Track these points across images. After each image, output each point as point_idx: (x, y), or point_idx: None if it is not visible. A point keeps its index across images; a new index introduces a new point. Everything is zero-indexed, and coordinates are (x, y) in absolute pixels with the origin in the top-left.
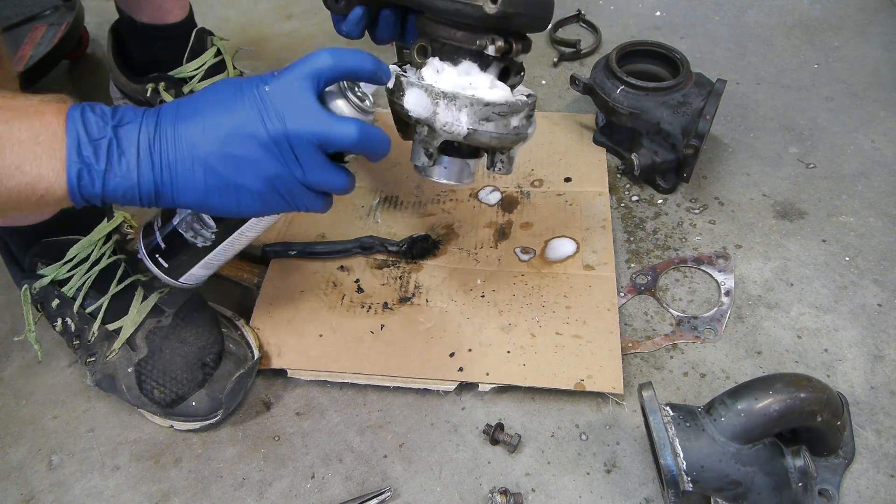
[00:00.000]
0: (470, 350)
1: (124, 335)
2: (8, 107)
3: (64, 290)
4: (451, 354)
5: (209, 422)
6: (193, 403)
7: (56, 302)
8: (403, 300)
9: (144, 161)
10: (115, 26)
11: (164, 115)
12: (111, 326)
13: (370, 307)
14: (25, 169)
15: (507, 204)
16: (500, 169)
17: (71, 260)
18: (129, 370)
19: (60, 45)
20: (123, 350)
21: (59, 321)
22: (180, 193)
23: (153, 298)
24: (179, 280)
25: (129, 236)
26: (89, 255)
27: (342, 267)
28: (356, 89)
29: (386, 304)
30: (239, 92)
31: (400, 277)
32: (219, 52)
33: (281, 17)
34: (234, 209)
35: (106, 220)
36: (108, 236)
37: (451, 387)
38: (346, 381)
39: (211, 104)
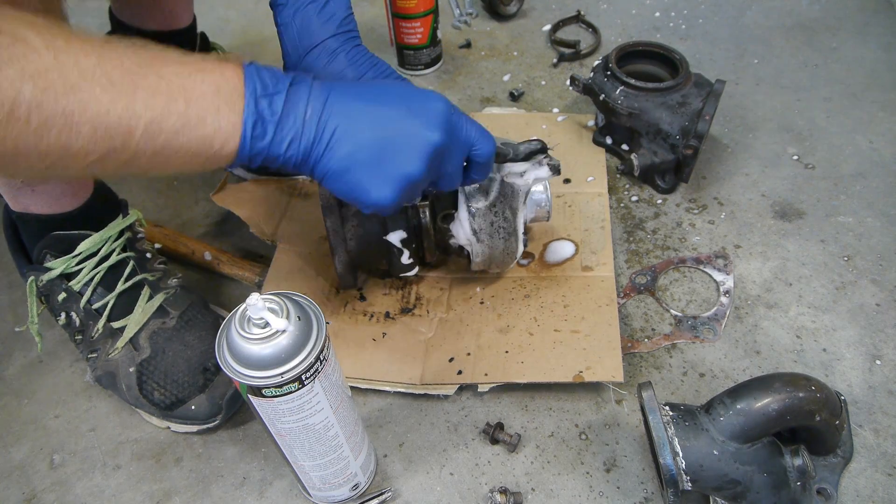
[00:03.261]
0: (469, 354)
1: (128, 334)
2: (187, 62)
3: (71, 283)
4: (451, 359)
5: (207, 426)
6: (193, 407)
7: (63, 296)
8: (405, 310)
9: (311, 120)
10: None
11: (336, 88)
12: (116, 324)
13: (372, 315)
14: (207, 121)
15: None
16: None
17: (81, 254)
18: (131, 370)
19: None
20: (126, 349)
21: (64, 315)
22: (328, 156)
23: (159, 299)
24: None
25: (140, 235)
26: (99, 251)
27: None
28: None
29: (388, 313)
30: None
31: (402, 288)
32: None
33: None
34: (362, 190)
35: (120, 216)
36: (120, 233)
37: (451, 391)
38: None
39: (385, 92)
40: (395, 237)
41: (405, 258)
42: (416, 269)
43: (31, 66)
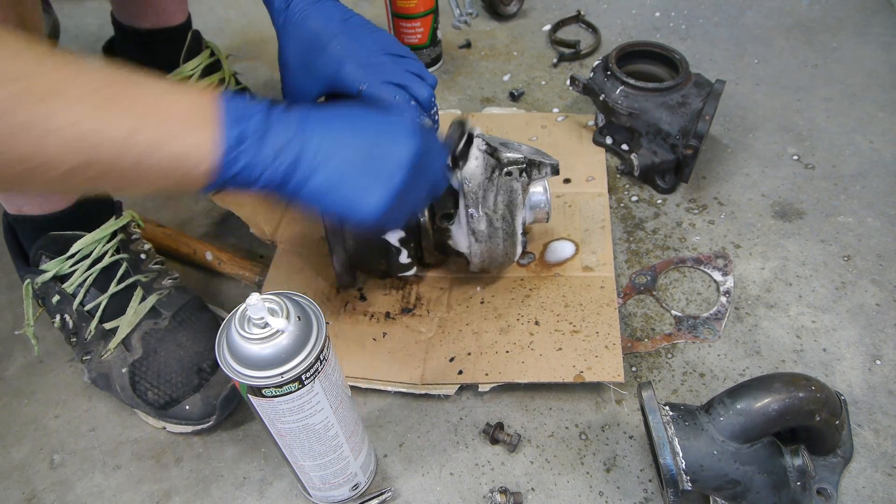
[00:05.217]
0: (469, 354)
1: (120, 335)
2: (163, 82)
3: (65, 286)
4: (451, 359)
5: (202, 426)
6: (187, 407)
7: (56, 298)
8: (405, 311)
9: (293, 140)
10: (107, 46)
11: (313, 110)
12: (108, 325)
13: (372, 315)
14: (181, 139)
15: None
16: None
17: (74, 255)
18: (124, 370)
19: None
20: (118, 350)
21: (58, 317)
22: (315, 174)
23: (151, 300)
24: None
25: (135, 236)
26: (92, 252)
27: None
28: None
29: (388, 313)
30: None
31: (402, 288)
32: (213, 53)
33: None
34: (352, 203)
35: (114, 217)
36: (114, 234)
37: (452, 391)
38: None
39: (359, 112)
40: (394, 237)
41: (403, 258)
42: (415, 269)
43: (4, 70)
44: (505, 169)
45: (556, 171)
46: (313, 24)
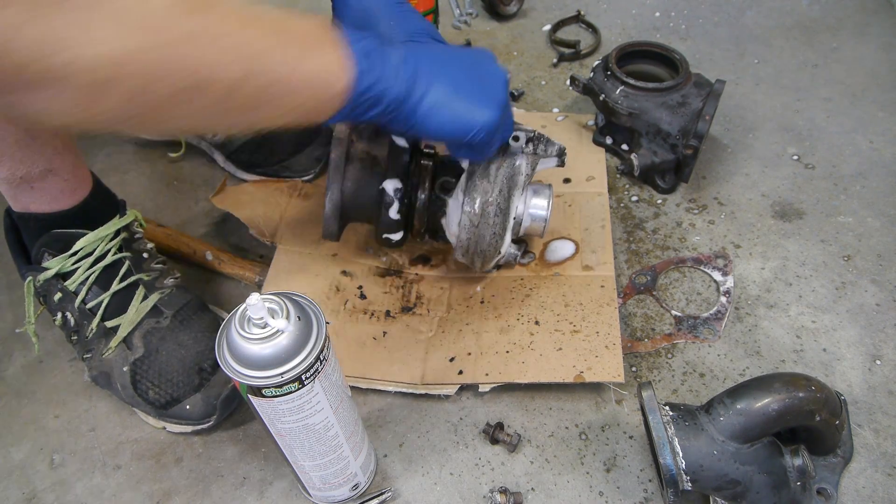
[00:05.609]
0: (469, 354)
1: (121, 334)
2: (285, 15)
3: (67, 283)
4: (451, 359)
5: (202, 426)
6: (188, 407)
7: (58, 296)
8: (406, 309)
9: (408, 61)
10: None
11: (411, 44)
12: (109, 324)
13: (372, 314)
14: (318, 55)
15: None
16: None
17: (77, 253)
18: (125, 369)
19: None
20: (120, 348)
21: (60, 315)
22: (433, 88)
23: (153, 298)
24: None
25: (138, 235)
26: (95, 250)
27: (345, 272)
28: None
29: (388, 312)
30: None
31: (402, 287)
32: None
33: None
34: (469, 113)
35: (118, 216)
36: (117, 233)
37: (452, 391)
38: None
39: (455, 48)
40: (391, 185)
41: (393, 212)
42: (402, 234)
43: None
44: (512, 135)
45: (562, 155)
46: (369, 2)
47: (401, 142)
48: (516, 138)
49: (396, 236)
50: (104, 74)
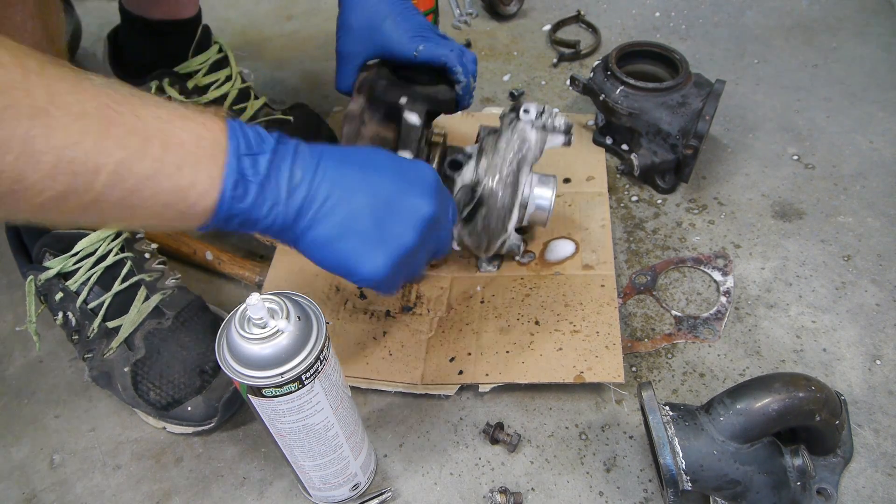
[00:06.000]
0: (469, 354)
1: (123, 334)
2: (168, 106)
3: (68, 283)
4: (451, 359)
5: (203, 428)
6: (189, 408)
7: (59, 295)
8: (405, 309)
9: (301, 184)
10: (112, 34)
11: (326, 153)
12: (111, 324)
13: (372, 314)
14: (184, 171)
15: None
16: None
17: (78, 253)
18: (126, 369)
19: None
20: (121, 349)
21: (61, 314)
22: (320, 223)
23: (155, 299)
24: None
25: (139, 235)
26: (96, 251)
27: None
28: None
29: (388, 311)
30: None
31: (402, 286)
32: (221, 49)
33: (281, 18)
34: (354, 260)
35: None
36: (118, 234)
37: (452, 391)
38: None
39: (377, 160)
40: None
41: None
42: None
43: None
44: (522, 107)
45: (569, 132)
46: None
47: (413, 118)
48: (527, 111)
49: None
50: None
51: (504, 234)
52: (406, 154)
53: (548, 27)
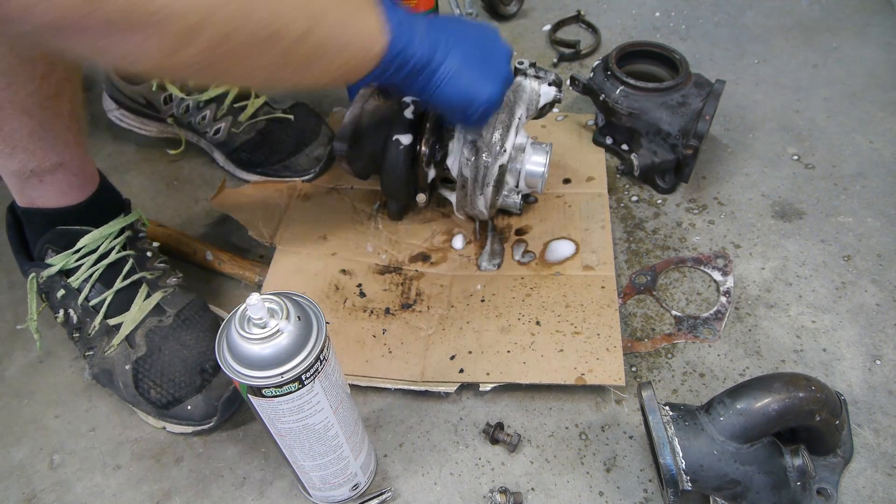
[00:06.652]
0: (470, 352)
1: (124, 331)
2: None
3: (70, 280)
4: (452, 357)
5: (202, 427)
6: (189, 407)
7: (61, 292)
8: (405, 306)
9: (429, 31)
10: None
11: (423, 16)
12: (112, 321)
13: (372, 311)
14: (360, 20)
15: None
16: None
17: (80, 250)
18: (127, 367)
19: None
20: (122, 346)
21: (62, 312)
22: (449, 58)
23: (156, 297)
24: None
25: (142, 234)
26: (99, 248)
27: (344, 271)
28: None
29: (388, 309)
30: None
31: (402, 284)
32: None
33: None
34: (477, 86)
35: (122, 214)
36: (121, 231)
37: (452, 389)
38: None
39: (466, 22)
40: (409, 111)
41: (408, 112)
42: (411, 137)
43: None
44: (517, 60)
45: (559, 84)
46: None
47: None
48: (521, 62)
49: (406, 139)
50: (192, 21)
51: (499, 164)
52: (411, 108)
53: (548, 27)
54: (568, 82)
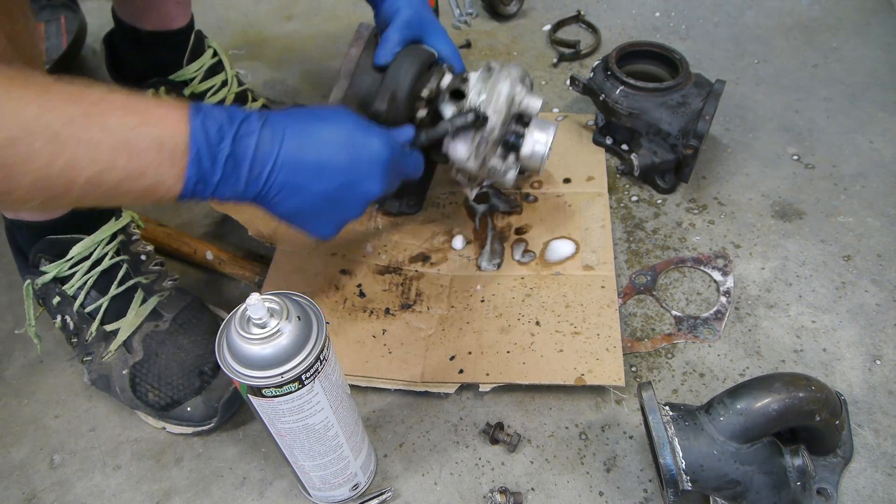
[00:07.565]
0: (470, 353)
1: (121, 337)
2: (131, 109)
3: (65, 287)
4: (452, 358)
5: (202, 428)
6: (189, 409)
7: (57, 299)
8: (405, 307)
9: (255, 177)
10: (108, 37)
11: (289, 135)
12: (109, 327)
13: (372, 312)
14: (148, 174)
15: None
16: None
17: (73, 258)
18: (124, 372)
19: (71, 49)
20: (119, 352)
21: (59, 318)
22: (277, 205)
23: (152, 302)
24: None
25: (135, 237)
26: (91, 255)
27: (344, 271)
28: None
29: (388, 309)
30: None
31: (401, 284)
32: (215, 54)
33: (281, 18)
34: (307, 229)
35: (113, 219)
36: (114, 236)
37: (452, 389)
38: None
39: (334, 139)
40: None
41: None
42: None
43: None
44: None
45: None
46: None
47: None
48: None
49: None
50: None
51: (497, 142)
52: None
53: (548, 27)
54: (568, 82)
